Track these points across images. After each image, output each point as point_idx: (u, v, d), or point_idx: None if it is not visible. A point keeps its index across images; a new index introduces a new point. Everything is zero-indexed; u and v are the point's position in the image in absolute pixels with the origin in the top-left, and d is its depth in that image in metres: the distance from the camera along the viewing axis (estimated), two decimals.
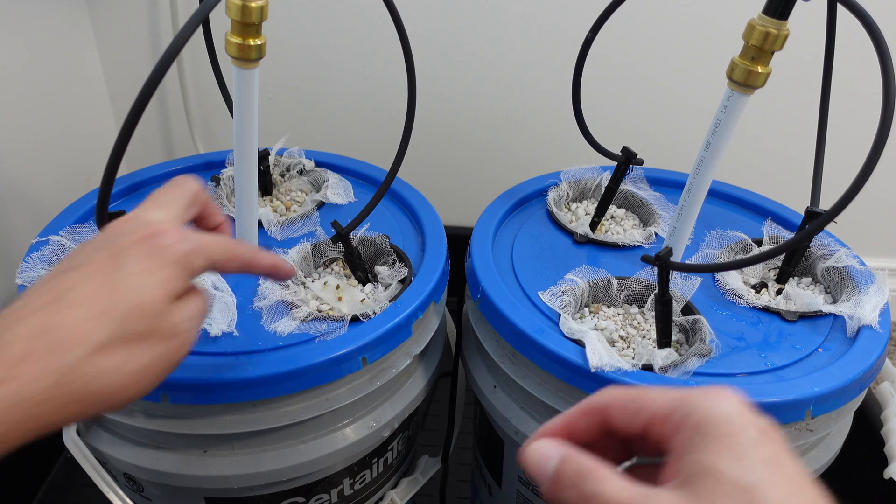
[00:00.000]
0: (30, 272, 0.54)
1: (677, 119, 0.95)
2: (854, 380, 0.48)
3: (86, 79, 0.91)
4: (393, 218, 0.66)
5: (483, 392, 0.58)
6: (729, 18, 0.84)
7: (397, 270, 0.57)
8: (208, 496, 0.54)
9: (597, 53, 0.60)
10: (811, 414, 0.47)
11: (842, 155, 0.76)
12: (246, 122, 0.52)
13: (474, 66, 0.92)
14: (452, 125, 0.97)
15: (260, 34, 0.48)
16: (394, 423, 0.55)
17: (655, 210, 0.67)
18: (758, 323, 0.54)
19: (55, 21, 0.83)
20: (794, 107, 0.92)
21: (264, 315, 0.52)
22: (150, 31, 0.91)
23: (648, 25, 0.88)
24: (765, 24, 0.46)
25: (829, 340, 0.53)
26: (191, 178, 0.41)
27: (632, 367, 0.47)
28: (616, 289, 0.57)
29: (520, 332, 0.51)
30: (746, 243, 0.62)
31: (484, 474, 0.69)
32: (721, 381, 0.48)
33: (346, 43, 0.91)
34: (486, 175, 1.01)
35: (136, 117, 0.40)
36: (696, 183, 0.54)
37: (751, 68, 0.47)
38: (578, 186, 0.71)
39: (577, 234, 0.64)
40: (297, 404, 0.49)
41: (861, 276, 0.57)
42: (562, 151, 0.97)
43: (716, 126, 0.51)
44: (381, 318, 0.51)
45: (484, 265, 0.58)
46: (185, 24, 0.40)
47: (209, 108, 0.97)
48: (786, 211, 0.68)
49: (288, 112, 0.97)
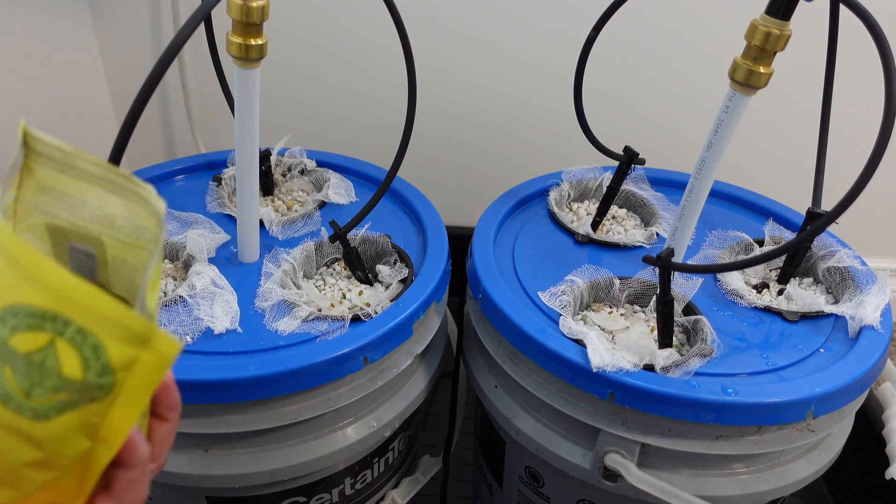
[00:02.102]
0: None
1: (679, 119, 0.95)
2: (855, 380, 0.48)
3: (87, 78, 0.91)
4: (394, 217, 0.66)
5: (484, 392, 0.58)
6: (731, 19, 0.84)
7: (398, 270, 0.57)
8: (209, 495, 0.54)
9: (599, 53, 0.60)
10: (812, 414, 0.47)
11: (843, 156, 0.76)
12: (247, 121, 0.52)
13: (475, 66, 0.92)
14: (454, 125, 0.97)
15: (261, 34, 0.48)
16: (395, 422, 0.55)
17: (657, 210, 0.67)
18: (759, 323, 0.54)
19: (57, 20, 0.83)
20: (795, 107, 0.92)
21: (266, 315, 0.52)
22: (151, 31, 0.91)
23: (650, 25, 0.88)
24: (767, 24, 0.46)
25: (830, 341, 0.53)
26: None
27: (633, 367, 0.47)
28: (618, 289, 0.57)
29: (521, 332, 0.51)
30: (748, 244, 0.62)
31: (485, 474, 0.69)
32: (723, 381, 0.48)
33: (348, 43, 0.91)
34: (487, 175, 1.01)
35: (135, 116, 0.40)
36: (698, 183, 0.54)
37: (753, 68, 0.47)
38: (580, 186, 0.71)
39: (578, 234, 0.64)
40: (299, 404, 0.49)
41: (862, 276, 0.57)
42: (563, 151, 0.97)
43: (718, 126, 0.51)
44: (382, 317, 0.52)
45: (485, 265, 0.58)
46: (185, 24, 0.40)
47: (211, 108, 0.97)
48: (787, 211, 0.67)
49: (289, 112, 0.97)
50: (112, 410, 0.27)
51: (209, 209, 0.65)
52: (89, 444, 0.28)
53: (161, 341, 0.27)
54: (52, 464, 0.28)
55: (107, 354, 0.26)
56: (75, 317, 0.25)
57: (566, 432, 0.53)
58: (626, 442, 0.49)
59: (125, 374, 0.27)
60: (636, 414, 0.48)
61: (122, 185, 0.30)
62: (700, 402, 0.46)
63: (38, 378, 0.26)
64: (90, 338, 0.25)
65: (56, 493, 0.30)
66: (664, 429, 0.48)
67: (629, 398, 0.47)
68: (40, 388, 0.26)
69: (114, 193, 0.30)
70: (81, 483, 0.30)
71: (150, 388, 0.28)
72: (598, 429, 0.50)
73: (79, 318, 0.25)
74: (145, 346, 0.26)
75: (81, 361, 0.26)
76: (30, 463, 0.27)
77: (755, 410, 0.46)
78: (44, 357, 0.25)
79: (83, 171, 0.30)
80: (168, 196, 0.67)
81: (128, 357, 0.26)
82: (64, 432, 0.27)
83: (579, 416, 0.50)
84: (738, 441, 0.48)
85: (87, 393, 0.26)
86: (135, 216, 0.30)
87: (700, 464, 0.50)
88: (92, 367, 0.26)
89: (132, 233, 0.31)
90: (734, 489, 0.50)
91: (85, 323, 0.25)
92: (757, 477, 0.50)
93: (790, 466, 0.51)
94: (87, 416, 0.27)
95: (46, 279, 0.24)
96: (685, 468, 0.50)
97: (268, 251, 0.59)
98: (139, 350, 0.26)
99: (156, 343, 0.26)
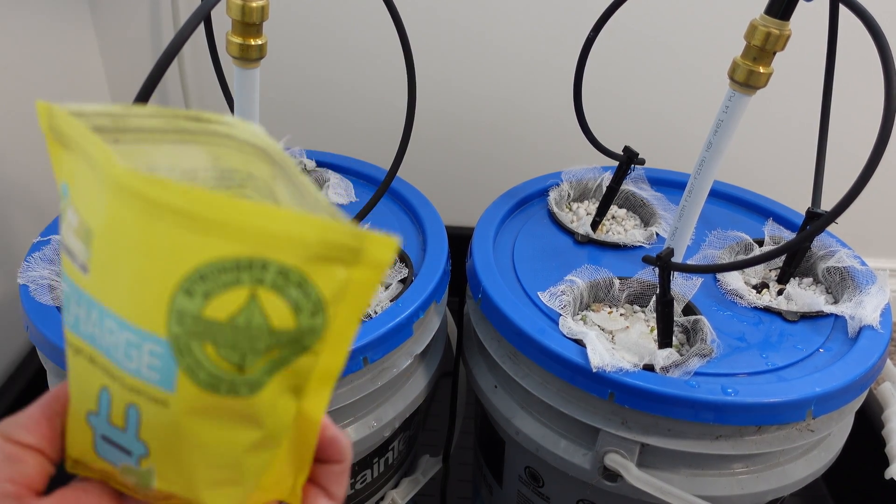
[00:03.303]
0: (31, 272, 0.54)
1: (679, 119, 0.95)
2: (855, 380, 0.48)
3: (88, 78, 0.91)
4: (394, 218, 0.66)
5: (484, 392, 0.58)
6: (731, 19, 0.84)
7: (398, 270, 0.57)
8: None
9: (598, 53, 0.60)
10: (812, 414, 0.47)
11: (843, 155, 0.76)
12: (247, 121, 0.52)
13: (475, 66, 0.92)
14: (453, 125, 0.97)
15: (261, 34, 0.48)
16: (395, 422, 0.55)
17: (657, 210, 0.67)
18: (759, 323, 0.54)
19: (57, 20, 0.83)
20: (795, 107, 0.92)
21: None
22: (151, 31, 0.91)
23: (650, 25, 0.88)
24: (767, 24, 0.46)
25: (830, 341, 0.53)
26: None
27: (633, 367, 0.47)
28: (618, 289, 0.57)
29: (521, 332, 0.51)
30: (748, 243, 0.62)
31: (485, 474, 0.69)
32: (722, 381, 0.48)
33: (348, 44, 0.91)
34: (487, 175, 1.01)
35: None
36: (698, 183, 0.54)
37: (752, 68, 0.47)
38: (580, 186, 0.71)
39: (578, 235, 0.64)
40: None
41: (862, 276, 0.57)
42: (563, 151, 0.97)
43: (717, 126, 0.51)
44: (382, 317, 0.52)
45: (485, 265, 0.58)
46: (184, 24, 0.40)
47: (210, 108, 0.97)
48: (787, 211, 0.68)
49: (289, 112, 0.97)
50: (321, 358, 0.23)
51: None
52: (297, 406, 0.24)
53: (374, 246, 0.21)
54: (268, 440, 0.24)
55: (316, 289, 0.21)
56: (272, 254, 0.20)
57: (566, 432, 0.53)
58: (626, 442, 0.49)
59: (336, 307, 0.22)
60: (636, 414, 0.48)
61: (194, 129, 0.25)
62: (700, 401, 0.46)
63: (248, 344, 0.21)
64: (293, 274, 0.21)
65: (274, 483, 0.26)
66: (664, 429, 0.48)
67: (629, 398, 0.47)
68: (253, 355, 0.21)
69: (186, 143, 0.25)
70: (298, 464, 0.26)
71: (361, 313, 0.23)
72: (597, 429, 0.50)
73: (277, 255, 0.20)
74: (357, 261, 0.21)
75: (291, 306, 0.21)
76: (250, 447, 0.24)
77: (755, 410, 0.46)
78: (249, 317, 0.21)
79: (141, 131, 0.24)
80: None
81: (340, 282, 0.21)
82: (275, 397, 0.23)
83: (579, 416, 0.50)
84: (737, 441, 0.48)
85: (299, 342, 0.22)
86: (218, 160, 0.25)
87: (700, 464, 0.50)
88: (304, 309, 0.21)
89: (222, 180, 0.26)
90: (734, 489, 0.50)
91: (285, 258, 0.20)
92: (756, 477, 0.50)
93: (790, 466, 0.51)
94: (297, 369, 0.23)
95: (223, 217, 0.20)
96: (685, 468, 0.50)
97: None
98: (351, 268, 0.21)
99: (369, 250, 0.21)
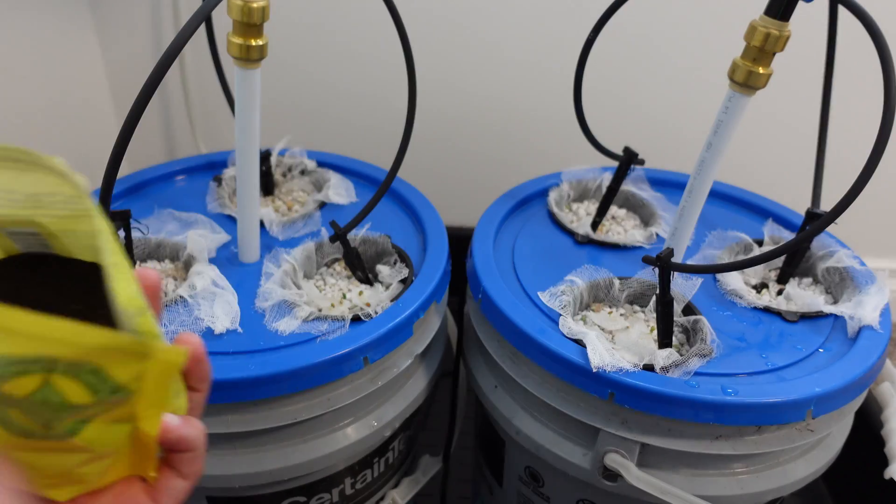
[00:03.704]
0: None
1: (679, 119, 0.95)
2: (855, 380, 0.48)
3: (88, 78, 0.91)
4: (395, 218, 0.66)
5: (484, 392, 0.58)
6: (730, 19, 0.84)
7: (398, 270, 0.57)
8: (210, 496, 0.54)
9: (598, 54, 0.60)
10: (812, 414, 0.47)
11: (843, 156, 0.76)
12: (248, 122, 0.52)
13: (475, 66, 0.92)
14: (454, 126, 0.97)
15: (262, 34, 0.48)
16: (395, 422, 0.55)
17: (656, 210, 0.67)
18: (759, 323, 0.55)
19: (57, 21, 0.83)
20: (795, 108, 0.92)
21: (266, 315, 0.52)
22: (152, 32, 0.91)
23: (650, 26, 0.88)
24: (766, 25, 0.46)
25: (829, 341, 0.53)
26: None
27: (633, 367, 0.47)
28: (618, 289, 0.57)
29: (521, 332, 0.51)
30: (747, 244, 0.62)
31: (485, 474, 0.69)
32: (722, 380, 0.48)
33: (348, 43, 0.91)
34: (487, 175, 1.01)
35: (136, 117, 0.40)
36: (698, 183, 0.54)
37: (752, 69, 0.47)
38: (579, 187, 0.71)
39: (578, 235, 0.64)
40: (299, 404, 0.49)
41: (861, 276, 0.57)
42: (563, 152, 0.97)
43: (717, 127, 0.51)
44: (382, 317, 0.52)
45: (485, 265, 0.58)
46: (185, 25, 0.41)
47: (211, 109, 0.97)
48: (787, 212, 0.68)
49: (290, 112, 0.97)
50: (142, 399, 0.26)
51: (209, 209, 0.65)
52: (130, 427, 0.27)
53: (162, 352, 0.25)
54: (102, 456, 0.27)
55: (111, 376, 0.24)
56: (59, 353, 0.23)
57: (566, 432, 0.53)
58: (626, 442, 0.49)
59: (139, 384, 0.25)
60: (636, 414, 0.48)
61: (30, 161, 0.27)
62: (700, 401, 0.46)
63: (48, 413, 0.24)
64: (85, 365, 0.23)
65: (124, 469, 0.29)
66: (664, 429, 0.48)
67: (629, 398, 0.47)
68: (57, 419, 0.24)
69: (26, 172, 0.27)
70: (143, 452, 0.29)
71: (169, 383, 0.27)
72: (597, 429, 0.50)
73: (64, 353, 0.23)
74: (148, 357, 0.25)
75: (86, 387, 0.24)
76: (81, 463, 0.27)
77: (755, 410, 0.46)
78: (45, 396, 0.23)
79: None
80: (169, 196, 0.67)
81: (134, 372, 0.25)
82: (101, 431, 0.26)
83: (579, 416, 0.50)
84: (737, 441, 0.48)
85: (106, 403, 0.25)
86: (58, 188, 0.28)
87: (700, 463, 0.50)
88: (101, 389, 0.24)
89: (65, 205, 0.28)
90: (734, 489, 0.50)
91: (73, 356, 0.23)
92: (756, 477, 0.51)
93: (789, 466, 0.51)
94: (118, 414, 0.26)
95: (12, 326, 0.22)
96: (685, 468, 0.50)
97: (268, 251, 0.59)
98: (143, 363, 0.25)
99: (157, 353, 0.25)
